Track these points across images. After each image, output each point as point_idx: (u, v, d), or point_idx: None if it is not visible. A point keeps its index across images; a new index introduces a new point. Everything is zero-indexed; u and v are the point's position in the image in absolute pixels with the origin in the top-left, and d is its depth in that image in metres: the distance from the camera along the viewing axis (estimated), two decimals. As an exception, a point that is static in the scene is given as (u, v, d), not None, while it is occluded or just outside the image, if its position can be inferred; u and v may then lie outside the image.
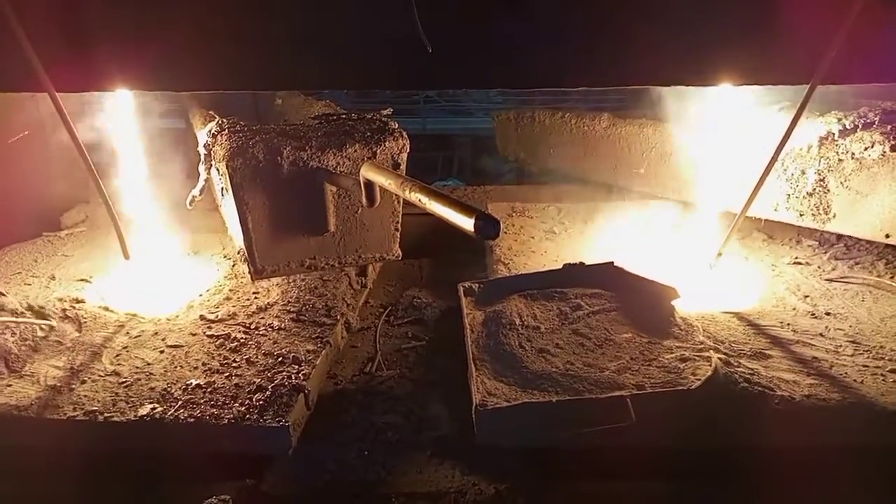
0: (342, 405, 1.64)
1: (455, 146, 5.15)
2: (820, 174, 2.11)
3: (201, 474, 1.40)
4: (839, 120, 2.05)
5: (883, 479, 1.31)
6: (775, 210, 2.26)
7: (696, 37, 1.74)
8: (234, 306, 1.95)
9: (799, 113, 1.73)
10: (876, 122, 2.02)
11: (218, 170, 1.80)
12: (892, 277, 2.02)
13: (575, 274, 1.95)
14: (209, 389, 1.53)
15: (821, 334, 1.73)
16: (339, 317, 1.89)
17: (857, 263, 2.15)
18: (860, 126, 2.02)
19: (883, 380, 1.50)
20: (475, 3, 1.75)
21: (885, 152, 1.95)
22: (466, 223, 1.05)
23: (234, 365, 1.64)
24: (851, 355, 1.62)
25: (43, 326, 1.78)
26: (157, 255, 2.23)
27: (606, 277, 1.92)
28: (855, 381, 1.50)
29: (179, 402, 1.48)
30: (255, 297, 1.99)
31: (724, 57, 1.78)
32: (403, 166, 1.89)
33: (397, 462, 1.43)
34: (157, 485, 1.40)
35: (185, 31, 1.74)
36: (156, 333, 1.81)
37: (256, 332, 1.80)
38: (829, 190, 2.11)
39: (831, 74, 1.65)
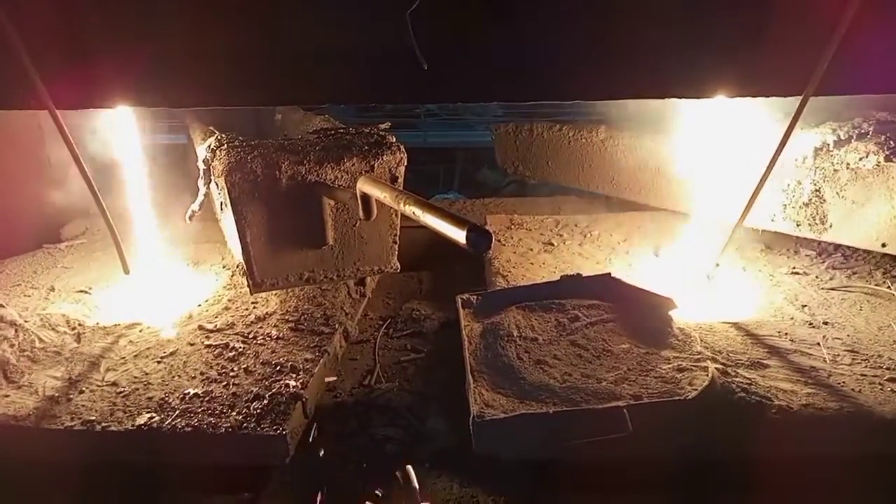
0: (341, 417, 1.64)
1: (456, 159, 5.17)
2: (816, 184, 2.12)
3: (200, 486, 1.40)
4: (834, 130, 2.07)
5: (881, 488, 1.30)
6: (772, 221, 2.27)
7: (691, 50, 1.76)
8: (232, 316, 1.96)
9: (793, 124, 1.74)
10: (870, 133, 2.03)
11: (217, 184, 1.82)
12: (889, 286, 2.02)
13: (572, 285, 1.95)
14: (206, 398, 1.53)
15: (818, 344, 1.73)
16: (337, 326, 1.90)
17: (854, 273, 2.15)
18: (855, 136, 2.04)
19: (881, 389, 1.50)
20: (470, 17, 1.78)
21: (879, 162, 1.96)
22: (459, 235, 1.06)
23: (231, 374, 1.64)
24: (849, 364, 1.62)
25: (42, 337, 1.79)
26: (156, 267, 2.24)
27: (604, 288, 1.93)
28: (853, 390, 1.49)
29: (177, 412, 1.48)
30: (254, 307, 2.00)
31: (719, 70, 1.80)
32: (401, 179, 1.91)
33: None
34: (156, 497, 1.39)
35: (184, 47, 1.77)
36: (154, 344, 1.81)
37: (254, 342, 1.80)
38: (825, 200, 2.12)
39: (824, 85, 1.67)
